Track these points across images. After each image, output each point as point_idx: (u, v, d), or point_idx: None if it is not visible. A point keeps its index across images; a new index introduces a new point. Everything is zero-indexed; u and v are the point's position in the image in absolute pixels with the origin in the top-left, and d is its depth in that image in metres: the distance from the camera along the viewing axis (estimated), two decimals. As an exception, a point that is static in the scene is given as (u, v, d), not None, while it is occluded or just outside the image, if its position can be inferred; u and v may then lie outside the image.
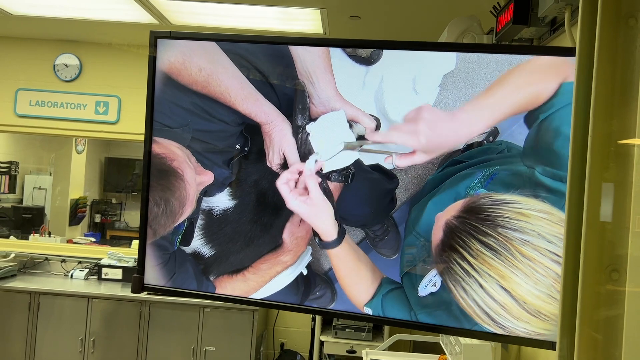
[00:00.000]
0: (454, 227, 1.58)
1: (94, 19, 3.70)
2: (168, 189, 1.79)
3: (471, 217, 1.56)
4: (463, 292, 1.57)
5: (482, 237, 1.54)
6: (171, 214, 1.81)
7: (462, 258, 1.56)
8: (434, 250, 1.62)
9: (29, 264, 4.37)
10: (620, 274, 1.02)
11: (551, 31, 2.10)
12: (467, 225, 1.56)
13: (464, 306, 1.58)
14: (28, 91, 4.40)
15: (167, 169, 1.79)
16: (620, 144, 1.03)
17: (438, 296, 1.63)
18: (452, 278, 1.59)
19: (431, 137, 1.63)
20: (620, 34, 1.04)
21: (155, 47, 1.81)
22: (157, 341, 3.83)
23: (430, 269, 1.65)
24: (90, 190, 7.56)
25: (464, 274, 1.56)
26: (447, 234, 1.59)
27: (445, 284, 1.61)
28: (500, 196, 1.56)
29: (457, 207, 1.60)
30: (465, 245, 1.56)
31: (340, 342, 3.90)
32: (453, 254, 1.57)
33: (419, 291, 1.66)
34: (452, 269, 1.58)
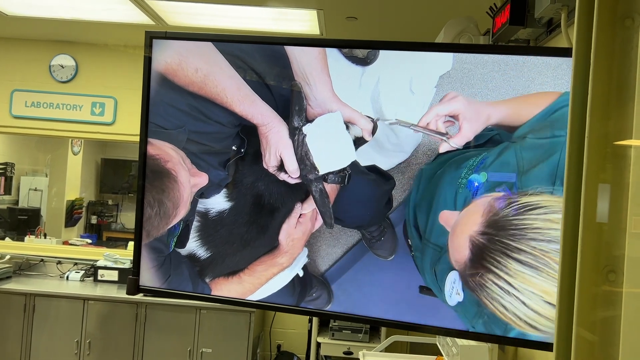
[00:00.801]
0: (482, 246, 1.50)
1: (90, 20, 3.69)
2: (162, 190, 1.78)
3: (500, 234, 1.49)
4: (502, 309, 1.51)
5: (517, 255, 1.47)
6: (164, 215, 1.79)
7: (498, 278, 1.49)
8: (460, 267, 1.55)
9: (25, 265, 4.35)
10: (617, 275, 1.02)
11: (547, 32, 2.10)
12: (497, 243, 1.49)
13: (503, 317, 1.53)
14: (24, 92, 4.38)
15: (160, 170, 1.78)
16: (617, 144, 1.03)
17: (467, 304, 1.59)
18: (489, 297, 1.52)
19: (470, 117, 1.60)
20: (616, 34, 1.03)
21: (151, 47, 1.80)
22: (153, 343, 3.81)
23: (448, 273, 1.60)
24: (87, 192, 7.55)
25: (504, 293, 1.50)
26: (476, 254, 1.51)
27: (479, 300, 1.55)
28: (523, 200, 1.50)
29: (477, 220, 1.53)
30: (500, 266, 1.49)
31: (337, 344, 3.90)
32: (487, 275, 1.50)
33: (447, 299, 1.61)
34: (489, 288, 1.51)
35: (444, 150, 1.60)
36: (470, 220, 1.55)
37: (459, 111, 1.58)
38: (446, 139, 1.59)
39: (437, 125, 1.59)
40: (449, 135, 1.60)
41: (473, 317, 1.60)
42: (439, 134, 1.60)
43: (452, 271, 1.60)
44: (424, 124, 1.60)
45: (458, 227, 1.57)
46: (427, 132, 1.61)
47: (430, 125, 1.60)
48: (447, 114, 1.59)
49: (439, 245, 1.63)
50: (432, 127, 1.60)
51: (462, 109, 1.58)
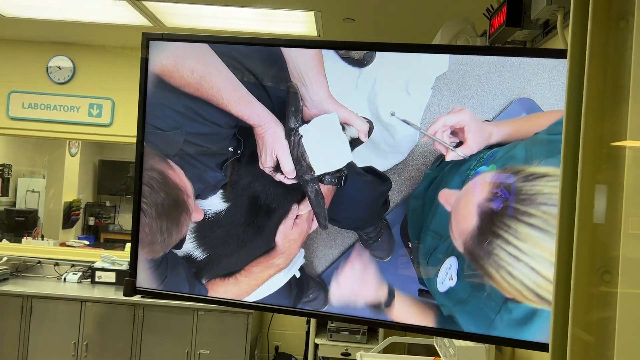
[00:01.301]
0: (491, 212, 1.51)
1: (87, 21, 3.69)
2: (177, 222, 1.80)
3: (509, 199, 1.50)
4: (510, 277, 1.50)
5: (527, 219, 1.47)
6: (167, 244, 1.83)
7: (507, 244, 1.49)
8: (464, 238, 1.55)
9: (22, 267, 4.34)
10: (612, 276, 1.02)
11: (544, 34, 2.11)
12: (507, 208, 1.50)
13: (506, 289, 1.52)
14: (21, 93, 4.38)
15: (181, 204, 1.80)
16: (612, 145, 1.04)
17: (456, 292, 1.60)
18: (496, 265, 1.51)
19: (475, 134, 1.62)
20: (611, 35, 1.04)
21: (148, 49, 1.80)
22: (151, 345, 3.81)
23: (444, 260, 1.61)
24: (84, 193, 7.53)
25: (513, 259, 1.49)
26: (484, 220, 1.52)
27: (481, 271, 1.54)
28: (530, 170, 1.51)
29: (486, 188, 1.54)
30: (510, 230, 1.49)
31: (334, 345, 3.90)
32: (495, 240, 1.50)
33: (438, 286, 1.62)
34: (497, 255, 1.51)
35: (451, 158, 1.63)
36: (478, 189, 1.56)
37: (465, 123, 1.60)
38: (452, 148, 1.61)
39: (443, 137, 1.62)
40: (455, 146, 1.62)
41: (456, 304, 1.61)
42: (446, 144, 1.62)
43: (449, 257, 1.61)
44: (431, 133, 1.63)
45: (464, 197, 1.58)
46: (435, 139, 1.63)
47: (437, 135, 1.62)
48: (453, 125, 1.62)
49: (438, 233, 1.64)
50: (439, 137, 1.62)
51: (468, 121, 1.61)
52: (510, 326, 1.56)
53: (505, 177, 1.54)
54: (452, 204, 1.60)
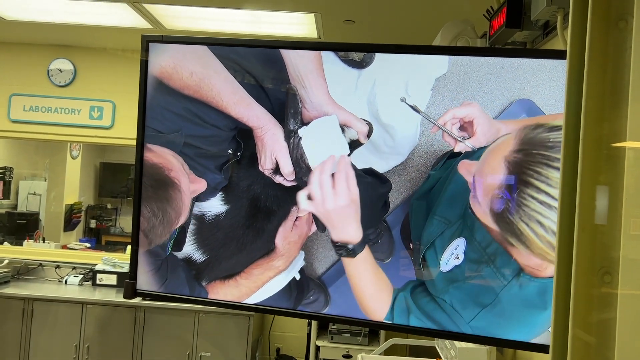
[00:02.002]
0: (520, 161, 1.49)
1: (88, 24, 3.70)
2: (165, 200, 1.78)
3: (538, 147, 1.48)
4: (540, 229, 1.48)
5: (558, 165, 1.45)
6: (168, 223, 1.80)
7: (539, 191, 1.47)
8: (491, 197, 1.53)
9: (23, 270, 4.34)
10: (613, 277, 1.01)
11: (544, 35, 2.10)
12: (536, 156, 1.48)
13: (535, 245, 1.49)
14: (22, 96, 4.38)
15: (164, 179, 1.79)
16: (612, 146, 1.03)
17: (460, 270, 1.59)
18: (527, 216, 1.49)
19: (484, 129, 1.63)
20: (610, 36, 1.04)
21: (147, 51, 1.81)
22: (152, 347, 3.81)
23: (449, 244, 1.61)
24: (85, 196, 7.54)
25: (545, 208, 1.47)
26: (514, 171, 1.50)
27: (509, 228, 1.52)
28: (553, 122, 1.50)
29: (510, 142, 1.53)
30: (541, 177, 1.47)
31: (336, 347, 3.89)
32: (526, 190, 1.48)
33: (441, 267, 1.62)
34: (527, 206, 1.48)
35: (459, 150, 1.62)
36: (502, 145, 1.55)
37: (474, 115, 1.61)
38: (461, 139, 1.61)
39: (452, 129, 1.62)
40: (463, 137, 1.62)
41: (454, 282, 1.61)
42: (455, 136, 1.62)
43: (457, 239, 1.61)
44: (441, 124, 1.63)
45: (490, 154, 1.57)
46: (444, 130, 1.63)
47: (447, 127, 1.62)
48: (462, 117, 1.62)
49: (446, 218, 1.64)
50: (448, 128, 1.62)
51: (478, 114, 1.61)
52: (515, 302, 1.55)
53: (529, 131, 1.52)
54: (474, 170, 1.59)
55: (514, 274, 1.55)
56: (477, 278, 1.60)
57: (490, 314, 1.58)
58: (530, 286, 1.54)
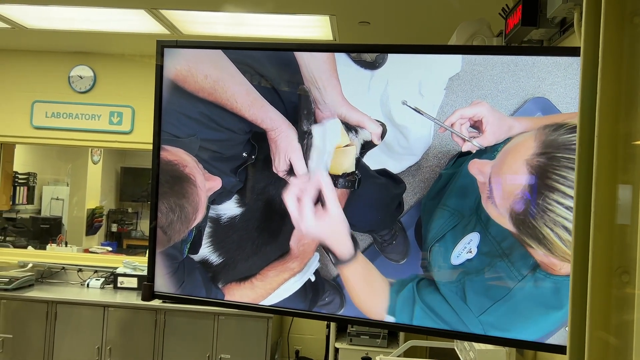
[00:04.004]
0: (544, 165, 1.45)
1: (107, 31, 3.76)
2: (182, 195, 1.81)
3: (561, 150, 1.44)
4: (565, 232, 1.44)
5: None
6: (185, 219, 1.82)
7: (565, 196, 1.43)
8: (512, 201, 1.49)
9: (47, 273, 4.42)
10: (631, 276, 1.00)
11: (561, 32, 2.08)
12: (561, 160, 1.43)
13: (559, 248, 1.46)
14: (44, 103, 4.47)
15: (180, 175, 1.81)
16: (628, 144, 1.02)
17: (472, 263, 1.57)
18: (552, 222, 1.45)
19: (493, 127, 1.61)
20: (625, 32, 1.02)
21: (162, 56, 1.83)
22: (173, 349, 3.84)
23: (462, 237, 1.59)
24: (107, 200, 7.65)
25: (570, 212, 1.42)
26: (538, 175, 1.46)
27: (530, 232, 1.48)
28: (573, 122, 1.45)
29: (530, 144, 1.49)
30: (567, 182, 1.42)
31: (355, 349, 3.88)
32: (551, 195, 1.44)
33: (452, 260, 1.60)
34: (552, 211, 1.45)
35: (467, 149, 1.60)
36: (521, 146, 1.51)
37: (483, 115, 1.58)
38: (468, 138, 1.59)
39: (461, 129, 1.60)
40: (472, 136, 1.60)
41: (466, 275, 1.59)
42: (462, 135, 1.60)
43: (470, 233, 1.58)
44: (448, 124, 1.61)
45: (508, 156, 1.53)
46: (451, 130, 1.61)
47: (455, 127, 1.60)
48: (471, 117, 1.60)
49: (459, 211, 1.61)
50: (457, 129, 1.60)
51: (486, 113, 1.58)
52: (529, 298, 1.53)
53: (549, 132, 1.49)
54: (489, 172, 1.55)
55: (529, 269, 1.52)
56: (489, 272, 1.57)
57: (501, 308, 1.56)
58: (545, 283, 1.52)
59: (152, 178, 1.86)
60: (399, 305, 1.67)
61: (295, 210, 1.71)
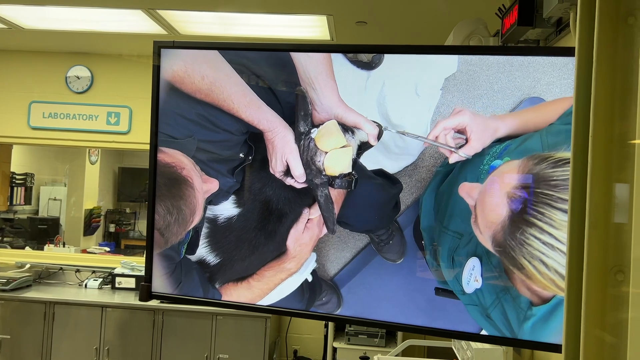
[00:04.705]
0: (523, 199, 1.47)
1: (104, 31, 3.75)
2: (180, 197, 1.81)
3: (542, 186, 1.45)
4: (543, 267, 1.45)
5: (562, 205, 1.42)
6: (183, 221, 1.82)
7: (542, 232, 1.44)
8: (493, 230, 1.50)
9: (44, 274, 4.42)
10: (626, 275, 1.00)
11: (557, 32, 2.08)
12: (540, 195, 1.45)
13: (538, 280, 1.47)
14: (41, 103, 4.46)
15: (177, 178, 1.81)
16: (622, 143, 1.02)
17: (482, 294, 1.56)
18: (529, 255, 1.46)
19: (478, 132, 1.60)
20: (619, 32, 1.02)
21: (159, 56, 1.83)
22: (171, 349, 3.84)
23: (466, 261, 1.58)
24: (104, 200, 7.64)
25: (547, 249, 1.44)
26: (516, 209, 1.47)
27: (511, 261, 1.49)
28: (558, 155, 1.46)
29: (513, 174, 1.50)
30: (544, 218, 1.44)
31: (353, 348, 3.89)
32: (529, 230, 1.45)
33: (465, 288, 1.59)
34: (530, 245, 1.46)
35: (454, 160, 1.60)
36: (507, 177, 1.52)
37: (465, 123, 1.58)
38: (455, 149, 1.59)
39: (446, 139, 1.60)
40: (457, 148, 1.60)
41: (489, 305, 1.57)
42: (448, 147, 1.60)
43: (471, 258, 1.58)
44: (432, 138, 1.61)
45: (492, 187, 1.54)
46: (435, 144, 1.61)
47: (439, 139, 1.60)
48: (454, 127, 1.59)
49: (458, 232, 1.61)
50: (441, 141, 1.60)
51: (469, 121, 1.58)
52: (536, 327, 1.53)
53: (533, 165, 1.50)
54: (476, 196, 1.56)
55: (527, 306, 1.53)
56: (500, 305, 1.57)
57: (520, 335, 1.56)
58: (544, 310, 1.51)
59: (150, 178, 1.86)
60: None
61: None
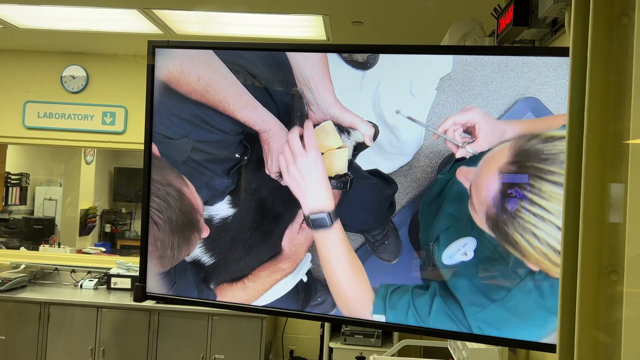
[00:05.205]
0: (514, 172, 1.51)
1: (99, 31, 3.74)
2: (187, 240, 1.84)
3: (532, 159, 1.49)
4: (535, 241, 1.49)
5: (551, 177, 1.46)
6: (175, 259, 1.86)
7: (532, 204, 1.48)
8: (487, 206, 1.54)
9: (39, 274, 4.40)
10: (620, 275, 1.00)
11: (552, 32, 2.09)
12: (530, 169, 1.49)
13: (532, 256, 1.50)
14: (36, 103, 4.45)
15: (194, 223, 1.82)
16: (617, 144, 1.02)
17: (471, 266, 1.59)
18: (521, 228, 1.50)
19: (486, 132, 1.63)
20: (613, 32, 1.03)
21: (154, 56, 1.82)
22: (167, 350, 3.83)
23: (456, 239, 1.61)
24: (100, 200, 7.62)
25: (538, 220, 1.48)
26: (507, 183, 1.51)
27: (504, 237, 1.52)
28: (548, 134, 1.51)
29: (505, 153, 1.54)
30: (535, 190, 1.48)
31: (349, 349, 3.89)
32: (520, 202, 1.50)
33: (443, 259, 1.62)
34: (522, 218, 1.50)
35: (460, 155, 1.62)
36: (498, 155, 1.55)
37: (475, 121, 1.60)
38: (462, 144, 1.60)
39: (454, 135, 1.62)
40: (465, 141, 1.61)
41: (456, 279, 1.60)
42: (454, 143, 1.61)
43: (466, 237, 1.60)
44: (441, 132, 1.62)
45: (485, 165, 1.57)
46: (444, 137, 1.62)
47: (448, 134, 1.62)
48: (464, 123, 1.62)
49: (452, 215, 1.64)
50: (450, 135, 1.62)
51: (479, 119, 1.60)
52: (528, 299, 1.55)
53: (524, 142, 1.53)
54: (471, 178, 1.59)
55: (527, 271, 1.54)
56: (488, 275, 1.59)
57: (500, 309, 1.57)
58: (544, 284, 1.53)
59: (144, 177, 1.85)
60: (388, 304, 1.68)
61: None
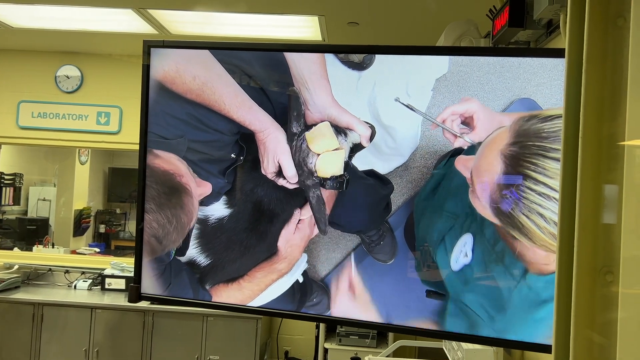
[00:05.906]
0: (516, 154, 1.50)
1: (94, 31, 3.73)
2: (179, 206, 1.80)
3: (533, 139, 1.49)
4: (541, 220, 1.48)
5: (554, 155, 1.46)
6: (181, 229, 1.82)
7: (537, 183, 1.48)
8: (490, 190, 1.53)
9: (33, 275, 4.38)
10: (615, 276, 1.01)
11: (547, 33, 2.09)
12: (532, 147, 1.48)
13: (538, 236, 1.49)
14: (30, 103, 4.43)
15: (176, 186, 1.80)
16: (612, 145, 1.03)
17: (470, 269, 1.58)
18: (527, 209, 1.49)
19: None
20: (609, 34, 1.03)
21: (149, 56, 1.82)
22: (161, 351, 3.82)
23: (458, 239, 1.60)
24: (94, 201, 7.59)
25: (543, 199, 1.47)
26: (510, 164, 1.50)
27: (510, 221, 1.52)
28: (547, 113, 1.50)
29: (505, 135, 1.53)
30: (538, 168, 1.47)
31: (344, 349, 3.89)
32: (524, 182, 1.49)
33: (452, 266, 1.61)
34: (526, 198, 1.49)
35: (458, 145, 1.62)
36: (498, 138, 1.55)
37: (474, 111, 1.60)
38: (460, 134, 1.61)
39: (452, 125, 1.62)
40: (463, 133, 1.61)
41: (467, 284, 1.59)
42: (453, 133, 1.61)
43: (464, 235, 1.60)
44: (439, 121, 1.62)
45: (486, 148, 1.57)
46: (442, 126, 1.62)
47: (446, 124, 1.62)
48: (462, 113, 1.62)
49: (453, 213, 1.63)
50: (448, 125, 1.62)
51: (477, 109, 1.61)
52: (526, 303, 1.54)
53: (523, 122, 1.53)
54: (471, 165, 1.59)
55: (522, 273, 1.54)
56: (488, 278, 1.59)
57: (507, 316, 1.57)
58: (538, 285, 1.53)
59: (139, 178, 1.85)
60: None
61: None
